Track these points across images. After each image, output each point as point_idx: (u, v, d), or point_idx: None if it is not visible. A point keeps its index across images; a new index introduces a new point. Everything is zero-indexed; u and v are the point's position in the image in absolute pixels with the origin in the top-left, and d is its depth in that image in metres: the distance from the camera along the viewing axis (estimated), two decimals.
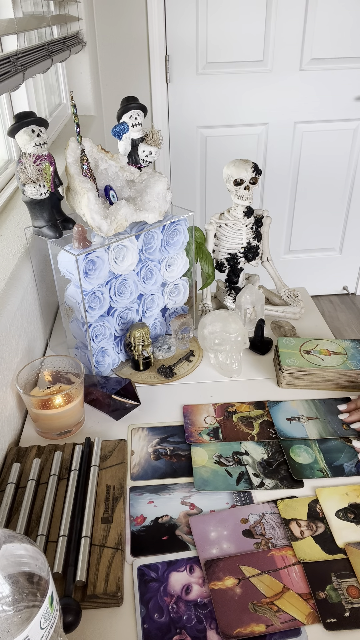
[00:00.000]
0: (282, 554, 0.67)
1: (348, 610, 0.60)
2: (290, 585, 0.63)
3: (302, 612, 0.61)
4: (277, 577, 0.64)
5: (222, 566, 0.66)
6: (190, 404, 0.94)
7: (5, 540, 0.43)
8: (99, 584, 0.62)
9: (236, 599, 0.62)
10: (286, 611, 0.61)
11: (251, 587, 0.63)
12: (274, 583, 0.64)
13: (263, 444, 0.85)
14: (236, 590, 0.63)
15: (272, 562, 0.66)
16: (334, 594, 0.62)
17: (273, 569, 0.65)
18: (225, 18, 2.31)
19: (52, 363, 0.92)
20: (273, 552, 0.67)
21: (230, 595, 0.62)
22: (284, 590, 0.63)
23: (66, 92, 2.13)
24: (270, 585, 0.63)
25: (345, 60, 2.44)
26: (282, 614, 0.60)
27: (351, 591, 0.62)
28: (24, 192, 0.88)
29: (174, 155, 2.58)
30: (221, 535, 0.70)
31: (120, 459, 0.80)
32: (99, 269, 0.91)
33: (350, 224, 2.83)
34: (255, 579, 0.64)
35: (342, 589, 0.63)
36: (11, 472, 0.77)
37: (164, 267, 1.05)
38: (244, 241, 1.13)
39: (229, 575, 0.65)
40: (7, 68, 1.00)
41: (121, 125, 0.98)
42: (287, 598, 0.62)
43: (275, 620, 0.60)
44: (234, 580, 0.64)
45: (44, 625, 0.43)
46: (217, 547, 0.69)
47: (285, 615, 0.60)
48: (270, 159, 2.63)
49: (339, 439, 0.85)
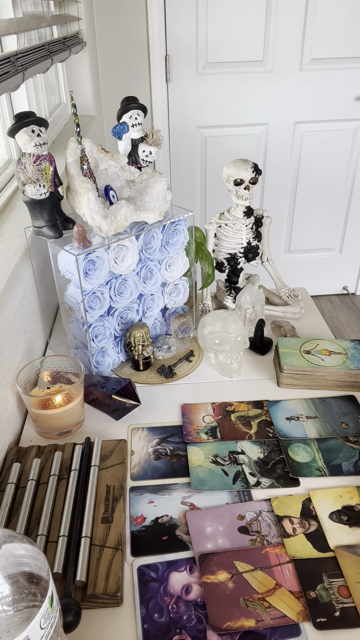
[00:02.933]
0: (277, 552, 0.67)
1: (338, 610, 0.61)
2: (282, 583, 0.64)
3: (292, 610, 0.61)
4: (270, 574, 0.65)
5: (216, 560, 0.66)
6: (188, 403, 0.94)
7: (5, 540, 0.43)
8: (99, 584, 0.62)
9: (228, 594, 0.62)
10: (277, 608, 0.61)
11: (244, 583, 0.64)
12: (267, 579, 0.64)
13: (259, 443, 0.85)
14: (228, 585, 0.63)
15: (266, 558, 0.66)
16: (324, 593, 0.62)
17: (266, 566, 0.66)
18: (225, 18, 2.31)
19: (52, 363, 0.92)
20: (267, 549, 0.68)
21: (223, 590, 0.63)
22: (276, 587, 0.63)
23: (66, 92, 2.13)
24: (263, 582, 0.64)
25: (345, 60, 2.44)
26: (273, 610, 0.61)
27: (342, 591, 0.62)
28: (24, 192, 0.88)
29: (174, 155, 2.58)
30: (217, 531, 0.70)
31: (120, 459, 0.80)
32: (99, 269, 0.91)
33: (350, 224, 2.83)
34: (248, 575, 0.64)
35: (333, 588, 0.63)
36: (11, 472, 0.77)
37: (164, 267, 1.05)
38: (244, 241, 1.13)
39: (222, 569, 0.65)
40: (7, 68, 1.00)
41: (121, 125, 0.98)
42: (279, 595, 0.62)
43: (265, 616, 0.60)
44: (227, 575, 0.64)
45: (44, 625, 0.43)
46: (212, 541, 0.69)
47: (276, 612, 0.60)
48: (270, 159, 2.63)
49: (338, 438, 0.85)
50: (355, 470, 0.79)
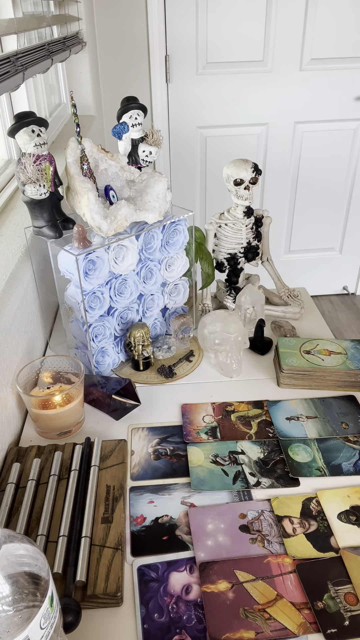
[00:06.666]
0: (279, 562, 0.66)
1: (347, 618, 0.60)
2: (284, 594, 0.63)
3: (293, 622, 0.60)
4: (271, 584, 0.64)
5: (217, 569, 0.65)
6: (188, 403, 0.94)
7: (5, 540, 0.43)
8: (99, 584, 0.62)
9: (228, 604, 0.61)
10: (278, 619, 0.60)
11: (244, 593, 0.63)
12: (268, 590, 0.63)
13: (259, 443, 0.85)
14: (228, 595, 0.62)
15: (267, 568, 0.66)
16: (332, 602, 0.61)
17: (268, 576, 0.65)
18: (225, 18, 2.31)
19: (52, 363, 0.92)
20: (270, 558, 0.67)
21: (222, 600, 0.62)
22: (277, 598, 0.62)
23: (66, 92, 2.13)
24: (264, 592, 0.63)
25: (345, 60, 2.44)
26: (273, 622, 0.60)
27: (349, 598, 0.62)
28: (24, 192, 0.88)
29: (174, 155, 2.58)
30: (218, 528, 0.70)
31: (120, 459, 0.80)
32: (99, 269, 0.91)
33: (350, 224, 2.83)
34: (249, 585, 0.63)
35: (339, 596, 0.62)
36: (11, 472, 0.77)
37: (164, 267, 1.05)
38: (244, 241, 1.13)
39: (223, 579, 0.64)
40: (7, 68, 1.00)
41: (121, 125, 0.98)
42: (280, 606, 0.61)
43: (265, 628, 0.59)
44: (227, 585, 0.64)
45: (44, 625, 0.43)
46: (212, 539, 0.69)
47: (276, 624, 0.59)
48: (270, 159, 2.63)
49: (338, 438, 0.85)
50: (355, 470, 0.79)
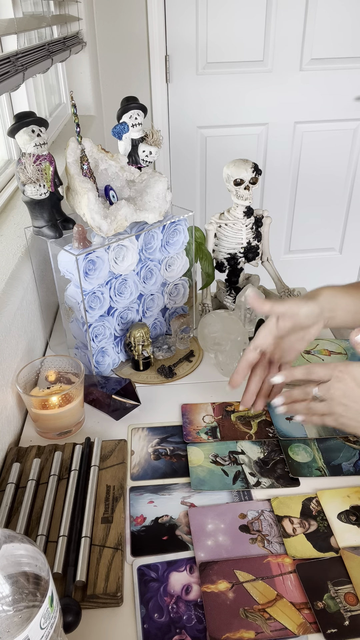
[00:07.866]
0: (279, 562, 0.66)
1: (347, 618, 0.60)
2: (284, 594, 0.63)
3: (294, 622, 0.60)
4: (271, 584, 0.64)
5: (217, 569, 0.65)
6: (188, 403, 0.94)
7: (5, 540, 0.43)
8: (99, 584, 0.62)
9: (228, 604, 0.61)
10: (278, 619, 0.60)
11: (244, 593, 0.63)
12: (268, 590, 0.63)
13: (259, 443, 0.85)
14: (228, 595, 0.62)
15: (267, 568, 0.65)
16: (332, 602, 0.61)
17: (268, 576, 0.64)
18: (225, 18, 2.31)
19: (52, 363, 0.92)
20: (270, 558, 0.67)
21: (222, 600, 0.62)
22: (277, 598, 0.62)
23: (66, 92, 2.13)
24: (264, 592, 0.63)
25: (345, 60, 2.44)
26: (273, 622, 0.60)
27: (349, 598, 0.62)
28: (24, 192, 0.88)
29: (174, 155, 2.59)
30: (218, 528, 0.70)
31: (120, 459, 0.80)
32: (99, 269, 0.91)
33: (350, 224, 2.83)
34: (249, 585, 0.63)
35: (339, 596, 0.62)
36: (11, 472, 0.77)
37: (164, 267, 1.05)
38: (244, 241, 1.13)
39: (223, 579, 0.64)
40: (7, 68, 1.00)
41: (121, 125, 0.98)
42: (280, 606, 0.61)
43: (265, 627, 0.59)
44: (227, 585, 0.64)
45: (44, 625, 0.43)
46: (212, 539, 0.69)
47: (276, 624, 0.59)
48: (270, 159, 2.63)
49: (338, 438, 0.85)
50: (355, 470, 0.79)
